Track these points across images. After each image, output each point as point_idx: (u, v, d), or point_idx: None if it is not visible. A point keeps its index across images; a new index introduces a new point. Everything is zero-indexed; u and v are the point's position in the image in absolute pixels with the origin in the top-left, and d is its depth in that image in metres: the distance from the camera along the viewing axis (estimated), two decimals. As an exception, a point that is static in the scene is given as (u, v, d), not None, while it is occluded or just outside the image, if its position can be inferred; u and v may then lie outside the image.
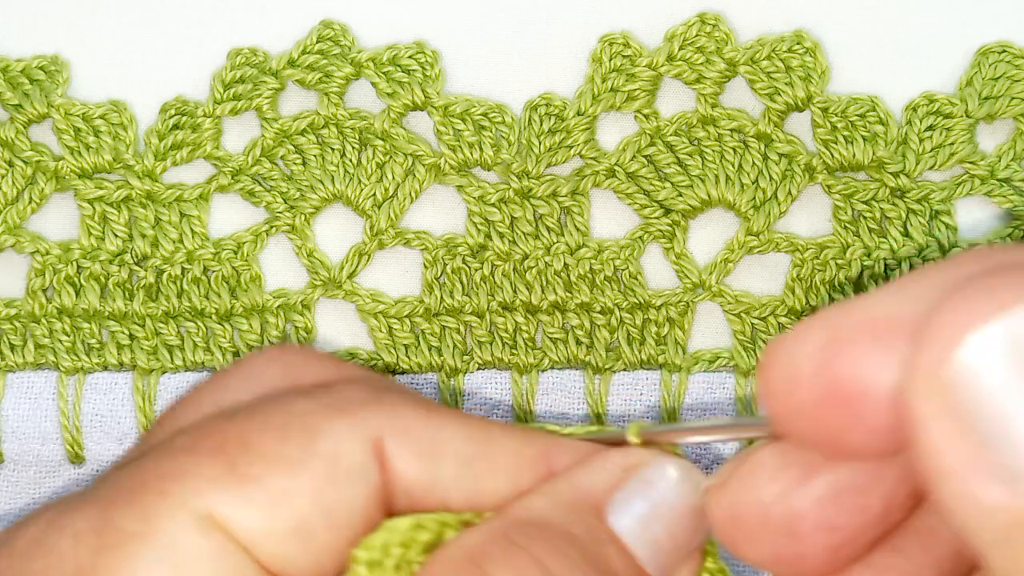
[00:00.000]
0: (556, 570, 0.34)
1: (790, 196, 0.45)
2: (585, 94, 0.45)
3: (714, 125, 0.45)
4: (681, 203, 0.45)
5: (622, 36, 0.45)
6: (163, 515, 0.33)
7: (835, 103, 0.45)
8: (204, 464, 0.34)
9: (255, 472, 0.33)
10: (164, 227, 0.46)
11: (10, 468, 0.46)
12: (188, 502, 0.33)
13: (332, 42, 0.46)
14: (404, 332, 0.46)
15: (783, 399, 0.29)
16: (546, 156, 0.45)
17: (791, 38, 0.45)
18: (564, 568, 0.34)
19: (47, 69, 0.46)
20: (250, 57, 0.46)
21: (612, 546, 0.35)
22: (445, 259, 0.46)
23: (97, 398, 0.45)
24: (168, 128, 0.46)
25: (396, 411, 0.36)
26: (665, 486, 0.36)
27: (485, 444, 0.36)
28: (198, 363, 0.46)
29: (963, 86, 0.45)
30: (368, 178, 0.46)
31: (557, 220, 0.46)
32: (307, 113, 0.46)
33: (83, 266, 0.46)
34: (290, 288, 0.46)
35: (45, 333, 0.46)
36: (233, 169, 0.46)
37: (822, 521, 0.31)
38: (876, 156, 0.44)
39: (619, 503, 0.36)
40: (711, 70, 0.45)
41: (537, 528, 0.35)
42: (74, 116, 0.46)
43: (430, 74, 0.45)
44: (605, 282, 0.45)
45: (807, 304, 0.45)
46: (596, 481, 0.36)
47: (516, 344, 0.46)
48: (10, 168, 0.46)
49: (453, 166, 0.45)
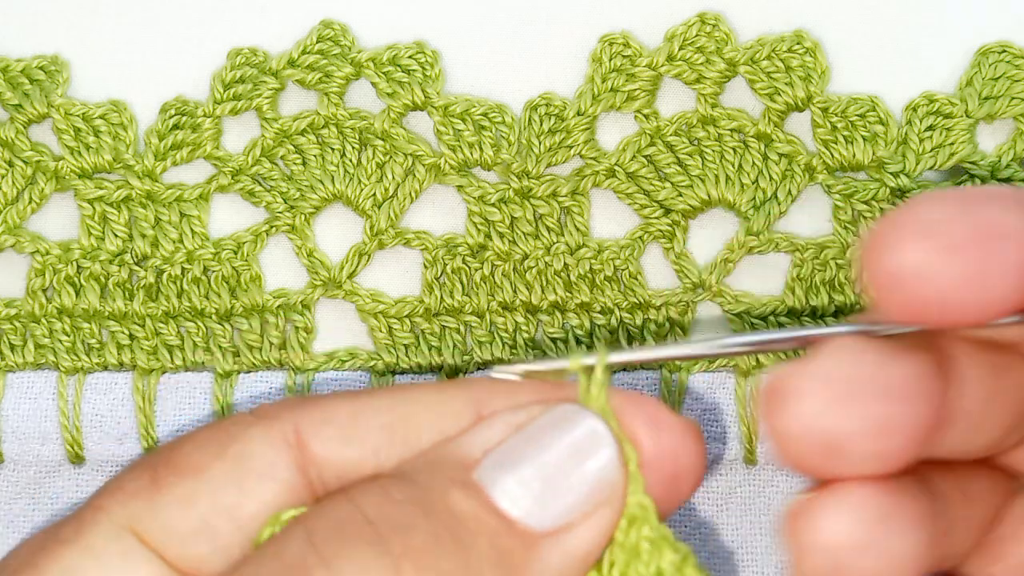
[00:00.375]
0: (366, 505, 0.35)
1: (790, 196, 0.45)
2: (585, 94, 0.45)
3: (714, 125, 0.45)
4: (681, 203, 0.45)
5: (622, 36, 0.45)
6: (91, 525, 0.37)
7: (835, 103, 0.45)
8: (133, 479, 0.37)
9: (169, 481, 0.37)
10: (164, 227, 0.46)
11: (10, 468, 0.46)
12: (112, 513, 0.37)
13: (332, 42, 0.46)
14: (404, 332, 0.46)
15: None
16: (546, 156, 0.45)
17: (791, 38, 0.45)
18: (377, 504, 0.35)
19: (47, 69, 0.46)
20: (250, 57, 0.46)
21: (460, 491, 0.35)
22: (445, 259, 0.46)
23: (97, 398, 0.45)
24: (168, 128, 0.46)
25: (316, 405, 0.38)
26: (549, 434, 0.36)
27: (408, 408, 0.37)
28: (198, 363, 0.46)
29: (963, 86, 0.45)
30: (368, 178, 0.46)
31: (557, 220, 0.46)
32: (307, 113, 0.46)
33: (83, 266, 0.46)
34: (290, 288, 0.46)
35: (45, 333, 0.46)
36: (233, 169, 0.46)
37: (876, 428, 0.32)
38: (876, 156, 0.44)
39: (495, 456, 0.36)
40: (711, 70, 0.45)
41: (375, 482, 0.36)
42: (74, 116, 0.46)
43: (430, 74, 0.45)
44: (605, 282, 0.45)
45: (807, 304, 0.45)
46: (478, 437, 0.37)
47: (516, 344, 0.46)
48: (10, 168, 0.46)
49: (453, 166, 0.45)
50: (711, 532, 0.45)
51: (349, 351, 0.46)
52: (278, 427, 0.37)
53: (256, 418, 0.38)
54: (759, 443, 0.45)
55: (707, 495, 0.45)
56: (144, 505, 0.36)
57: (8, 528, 0.46)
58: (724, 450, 0.45)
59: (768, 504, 0.45)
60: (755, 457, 0.45)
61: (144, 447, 0.45)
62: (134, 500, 0.37)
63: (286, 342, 0.46)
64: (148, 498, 0.36)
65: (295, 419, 0.37)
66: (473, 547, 0.34)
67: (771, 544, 0.45)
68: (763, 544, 0.45)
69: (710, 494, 0.45)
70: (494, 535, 0.35)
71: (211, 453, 0.37)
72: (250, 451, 0.37)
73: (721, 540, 0.45)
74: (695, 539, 0.45)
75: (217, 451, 0.37)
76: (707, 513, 0.45)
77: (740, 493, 0.45)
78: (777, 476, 0.45)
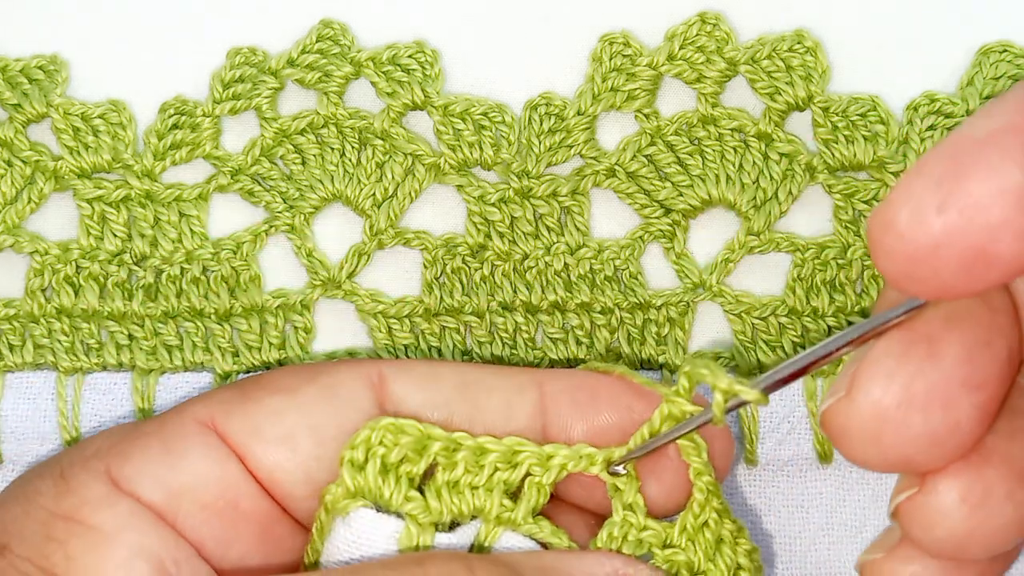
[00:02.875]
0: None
1: (791, 196, 0.45)
2: (585, 94, 0.45)
3: (715, 125, 0.45)
4: (681, 203, 0.45)
5: (622, 36, 0.45)
6: (174, 420, 0.40)
7: (836, 102, 0.44)
8: (223, 392, 0.41)
9: (258, 395, 0.40)
10: (163, 227, 0.46)
11: (9, 468, 0.45)
12: (196, 413, 0.40)
13: (332, 41, 0.46)
14: (404, 332, 0.46)
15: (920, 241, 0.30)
16: (546, 156, 0.45)
17: (792, 37, 0.45)
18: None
19: (46, 69, 0.46)
20: (249, 56, 0.46)
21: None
22: (445, 259, 0.46)
23: (96, 398, 0.45)
24: (167, 128, 0.46)
25: (398, 359, 0.43)
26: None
27: (479, 374, 0.41)
28: (197, 363, 0.46)
29: (964, 86, 0.45)
30: (368, 178, 0.46)
31: (557, 220, 0.46)
32: (306, 113, 0.46)
33: (82, 266, 0.46)
34: (289, 288, 0.46)
35: (44, 333, 0.46)
36: (232, 169, 0.46)
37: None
38: (877, 156, 0.44)
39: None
40: (712, 69, 0.45)
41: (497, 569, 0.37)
42: (73, 116, 0.46)
43: (430, 73, 0.45)
44: (605, 282, 0.45)
45: (808, 304, 0.45)
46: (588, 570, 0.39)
47: (516, 344, 0.45)
48: (9, 168, 0.46)
49: (453, 166, 0.45)
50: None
51: (349, 351, 0.46)
52: (365, 368, 0.41)
53: (343, 362, 0.42)
54: (759, 443, 0.45)
55: (707, 496, 0.45)
56: (231, 409, 0.40)
57: (7, 528, 0.46)
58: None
59: (768, 505, 0.45)
60: (755, 458, 0.45)
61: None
62: (221, 404, 0.40)
63: (285, 342, 0.46)
64: (238, 405, 0.40)
65: (379, 366, 0.41)
66: None
67: (771, 544, 0.45)
68: (763, 544, 0.45)
69: (710, 495, 0.45)
70: None
71: (301, 379, 0.40)
72: (338, 383, 0.40)
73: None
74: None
75: (307, 378, 0.40)
76: (707, 514, 0.45)
77: (740, 494, 0.45)
78: (777, 476, 0.45)
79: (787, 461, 0.45)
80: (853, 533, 0.45)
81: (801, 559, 0.45)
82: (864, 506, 0.45)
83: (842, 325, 0.45)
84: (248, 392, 0.40)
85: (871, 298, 0.45)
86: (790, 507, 0.45)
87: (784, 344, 0.45)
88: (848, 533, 0.45)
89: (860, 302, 0.45)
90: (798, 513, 0.45)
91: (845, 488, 0.45)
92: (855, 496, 0.45)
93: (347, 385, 0.40)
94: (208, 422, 0.40)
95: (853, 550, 0.45)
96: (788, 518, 0.45)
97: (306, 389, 0.40)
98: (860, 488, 0.45)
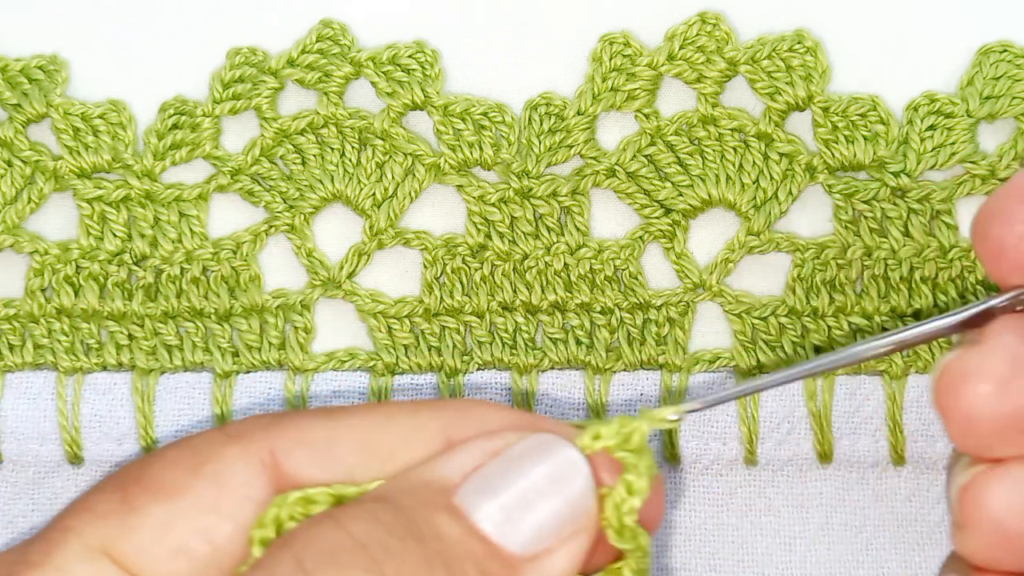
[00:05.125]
0: (357, 530, 0.35)
1: (791, 196, 0.45)
2: (585, 93, 0.45)
3: (715, 124, 0.45)
4: (681, 203, 0.45)
5: (622, 35, 0.45)
6: (60, 547, 0.36)
7: (836, 102, 0.44)
8: (103, 499, 0.37)
9: (141, 502, 0.37)
10: (163, 227, 0.46)
11: (9, 468, 0.45)
12: (83, 535, 0.36)
13: (331, 41, 0.46)
14: (404, 332, 0.46)
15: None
16: (546, 156, 0.45)
17: (792, 37, 0.45)
18: (368, 529, 0.35)
19: (46, 68, 0.46)
20: (249, 56, 0.46)
21: (444, 514, 0.36)
22: (445, 259, 0.46)
23: (96, 398, 0.45)
24: (167, 127, 0.46)
25: (290, 424, 0.38)
26: (527, 462, 0.37)
27: (382, 430, 0.38)
28: (197, 363, 0.46)
29: (964, 85, 0.45)
30: (368, 178, 0.46)
31: (557, 220, 0.46)
32: (306, 113, 0.46)
33: (82, 266, 0.46)
34: (289, 288, 0.46)
35: (44, 333, 0.46)
36: (232, 169, 0.46)
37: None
38: (877, 156, 0.44)
39: (474, 481, 0.36)
40: (712, 69, 0.45)
41: (362, 502, 0.36)
42: (73, 116, 0.46)
43: (430, 74, 0.45)
44: (605, 282, 0.45)
45: (808, 304, 0.45)
46: (455, 462, 0.37)
47: (516, 344, 0.45)
48: (9, 168, 0.46)
49: (453, 166, 0.45)
50: (711, 533, 0.45)
51: (348, 351, 0.46)
52: (254, 447, 0.37)
53: (228, 437, 0.38)
54: (759, 443, 0.45)
55: (707, 496, 0.45)
56: (117, 526, 0.36)
57: (7, 528, 0.46)
58: (724, 450, 0.45)
59: (768, 505, 0.45)
60: (755, 457, 0.45)
61: (143, 447, 0.45)
62: (105, 521, 0.36)
63: (285, 342, 0.46)
64: (121, 520, 0.36)
65: (270, 440, 0.38)
66: (462, 572, 0.35)
67: (771, 545, 0.45)
68: (763, 544, 0.45)
69: (710, 495, 0.45)
70: (480, 560, 0.35)
71: (185, 472, 0.37)
72: (226, 471, 0.37)
73: (722, 541, 0.45)
74: (695, 540, 0.45)
75: (190, 470, 0.37)
76: (707, 514, 0.45)
77: (740, 494, 0.45)
78: (777, 476, 0.45)
79: (787, 461, 0.45)
80: (853, 533, 0.45)
81: (801, 559, 0.45)
82: (864, 506, 0.45)
83: (842, 325, 0.45)
84: (130, 498, 0.37)
85: (871, 298, 0.45)
86: (790, 507, 0.45)
87: (784, 344, 0.45)
88: (848, 533, 0.45)
89: (860, 302, 0.45)
90: (798, 513, 0.45)
91: (845, 488, 0.45)
92: (855, 496, 0.45)
93: (236, 474, 0.37)
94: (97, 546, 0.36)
95: (853, 550, 0.45)
96: (788, 518, 0.45)
97: (192, 485, 0.37)
98: (860, 488, 0.45)
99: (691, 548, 0.45)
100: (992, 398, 0.35)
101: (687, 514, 0.45)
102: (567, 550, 0.36)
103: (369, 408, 0.39)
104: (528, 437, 0.37)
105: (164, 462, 0.38)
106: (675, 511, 0.45)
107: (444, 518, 0.36)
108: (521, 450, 0.37)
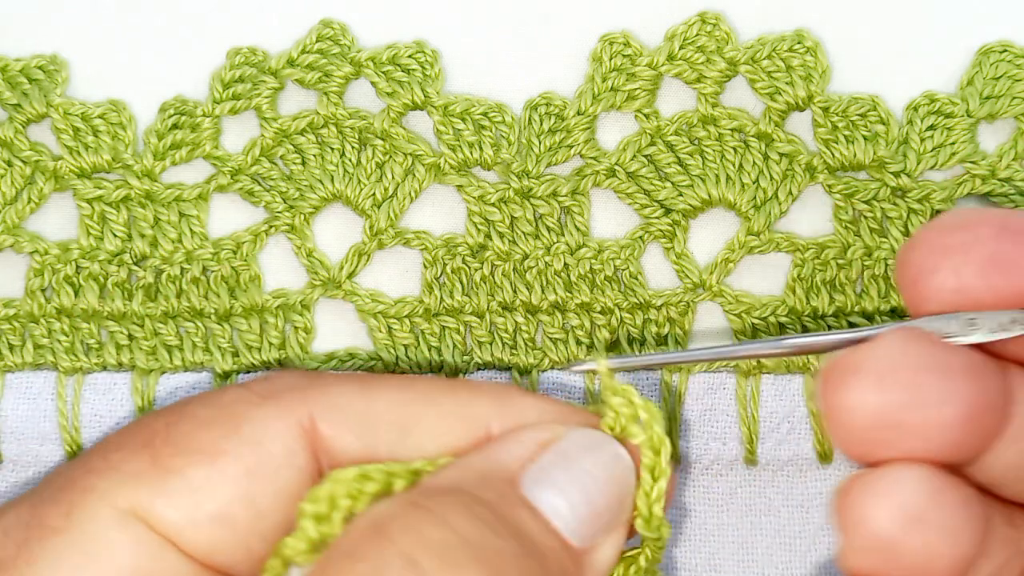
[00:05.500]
0: (462, 527, 0.34)
1: (791, 196, 0.45)
2: (585, 93, 0.45)
3: (715, 125, 0.45)
4: (681, 203, 0.45)
5: (622, 35, 0.45)
6: (85, 510, 0.34)
7: (836, 102, 0.44)
8: (129, 459, 0.35)
9: (177, 464, 0.35)
10: (163, 227, 0.46)
11: (9, 468, 0.45)
12: (110, 497, 0.34)
13: (331, 41, 0.46)
14: (404, 332, 0.46)
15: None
16: (546, 156, 0.45)
17: (792, 37, 0.45)
18: (472, 526, 0.34)
19: (46, 69, 0.46)
20: (249, 56, 0.46)
21: (525, 510, 0.35)
22: (445, 259, 0.46)
23: (96, 398, 0.45)
24: (167, 128, 0.46)
25: (328, 390, 0.37)
26: (583, 457, 0.37)
27: (423, 408, 0.37)
28: (197, 363, 0.46)
29: (964, 86, 0.45)
30: (368, 178, 0.46)
31: (557, 220, 0.46)
32: (306, 113, 0.46)
33: (82, 266, 0.46)
34: (289, 288, 0.46)
35: (44, 333, 0.46)
36: (232, 169, 0.46)
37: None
38: (877, 156, 0.44)
39: (533, 473, 0.36)
40: (712, 69, 0.45)
41: (446, 493, 0.35)
42: (73, 116, 0.46)
43: (430, 73, 0.45)
44: (605, 282, 0.45)
45: (807, 304, 0.45)
46: (512, 452, 0.37)
47: (516, 344, 0.45)
48: (9, 168, 0.46)
49: (453, 166, 0.45)
50: (711, 533, 0.45)
51: (348, 351, 0.46)
52: (294, 413, 0.36)
53: (260, 397, 0.37)
54: (759, 443, 0.45)
55: (707, 496, 0.45)
56: (150, 489, 0.34)
57: (7, 528, 0.46)
58: (724, 450, 0.45)
59: (768, 505, 0.45)
60: (755, 457, 0.45)
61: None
62: (137, 482, 0.35)
63: (285, 342, 0.46)
64: (154, 481, 0.35)
65: (307, 405, 0.37)
66: (547, 567, 0.35)
67: (771, 545, 0.45)
68: (763, 544, 0.45)
69: (710, 495, 0.45)
70: (556, 554, 0.35)
71: (222, 435, 0.36)
72: (267, 435, 0.36)
73: (722, 541, 0.45)
74: (695, 540, 0.45)
75: (229, 433, 0.36)
76: (707, 514, 0.45)
77: (740, 494, 0.45)
78: (777, 476, 0.45)
79: (787, 461, 0.45)
80: (853, 533, 0.45)
81: (801, 559, 0.45)
82: (864, 506, 0.45)
83: (842, 325, 0.45)
84: (162, 460, 0.35)
85: (871, 298, 0.45)
86: (790, 507, 0.45)
87: (784, 344, 0.45)
88: (848, 533, 0.45)
89: (860, 302, 0.45)
90: (798, 513, 0.45)
91: (845, 488, 0.45)
92: (855, 496, 0.45)
93: (278, 439, 0.36)
94: (128, 509, 0.34)
95: (853, 550, 0.45)
96: (788, 518, 0.45)
97: (231, 449, 0.35)
98: (860, 488, 0.45)
99: (691, 548, 0.45)
100: (870, 392, 0.35)
101: (687, 514, 0.45)
102: (612, 542, 0.37)
103: (405, 382, 0.38)
104: (578, 431, 0.38)
105: (196, 422, 0.36)
106: (675, 511, 0.45)
107: (525, 513, 0.35)
108: (576, 445, 0.37)
